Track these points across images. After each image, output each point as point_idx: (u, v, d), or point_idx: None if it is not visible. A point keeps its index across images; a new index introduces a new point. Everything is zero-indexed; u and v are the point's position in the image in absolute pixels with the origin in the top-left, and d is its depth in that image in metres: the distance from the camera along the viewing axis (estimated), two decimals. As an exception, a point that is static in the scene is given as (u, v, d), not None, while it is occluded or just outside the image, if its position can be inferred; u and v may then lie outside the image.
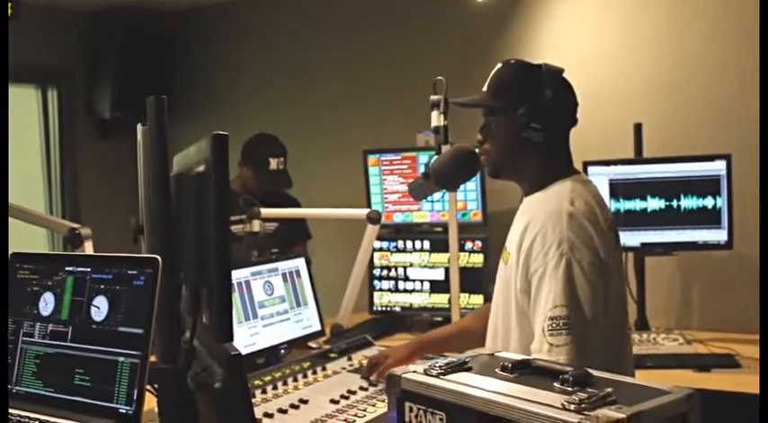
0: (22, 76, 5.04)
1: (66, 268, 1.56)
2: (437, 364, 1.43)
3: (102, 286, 1.52)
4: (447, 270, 3.50)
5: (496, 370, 1.40)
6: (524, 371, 1.39)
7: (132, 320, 1.45)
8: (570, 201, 1.91)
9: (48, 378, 1.55)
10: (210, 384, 1.44)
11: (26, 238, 2.97)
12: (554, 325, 1.78)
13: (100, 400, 1.45)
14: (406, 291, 3.71)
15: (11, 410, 1.50)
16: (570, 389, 1.27)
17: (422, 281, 3.68)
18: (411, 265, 3.70)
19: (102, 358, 1.46)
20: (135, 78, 4.91)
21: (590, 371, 1.33)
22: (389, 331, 3.53)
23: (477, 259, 3.54)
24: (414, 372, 1.43)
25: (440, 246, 3.55)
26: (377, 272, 3.73)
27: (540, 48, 3.82)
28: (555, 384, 1.30)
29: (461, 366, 1.43)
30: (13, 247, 1.77)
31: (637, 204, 3.17)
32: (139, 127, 1.45)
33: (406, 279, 3.71)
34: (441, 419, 1.34)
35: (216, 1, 5.01)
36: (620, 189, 3.18)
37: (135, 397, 1.41)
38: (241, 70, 5.04)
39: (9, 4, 4.54)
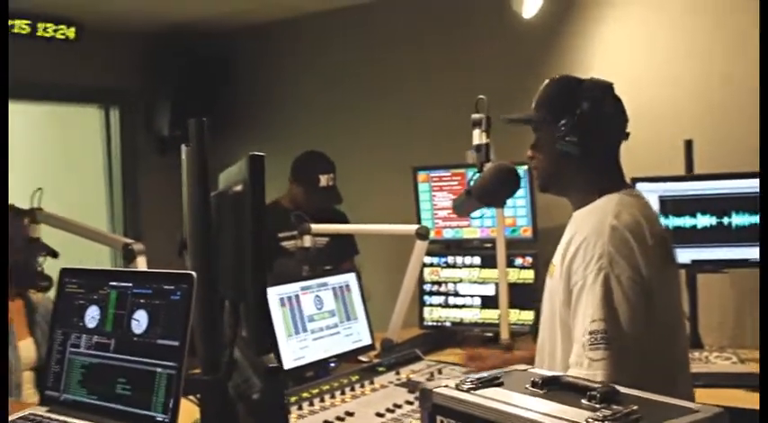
0: (86, 97, 5.25)
1: (110, 283, 1.64)
2: (469, 379, 1.46)
3: (142, 300, 1.59)
4: (497, 285, 3.51)
5: (526, 386, 1.42)
6: (554, 387, 1.40)
7: (169, 333, 1.52)
8: (615, 214, 1.91)
9: (92, 387, 1.63)
10: (249, 395, 1.49)
11: (91, 254, 3.11)
12: (592, 339, 1.78)
13: (139, 408, 1.52)
14: (456, 306, 3.72)
15: (58, 417, 1.58)
16: (597, 405, 1.28)
17: (472, 296, 3.69)
18: (461, 280, 3.72)
19: (141, 369, 1.54)
20: (192, 97, 5.06)
21: (618, 388, 1.34)
22: (440, 346, 3.54)
23: (528, 275, 3.54)
24: (446, 386, 1.46)
25: (490, 261, 3.56)
26: (427, 287, 3.76)
27: (589, 64, 3.82)
28: (582, 401, 1.31)
29: (492, 382, 1.45)
30: (80, 262, 1.85)
31: (687, 221, 3.14)
32: (183, 147, 1.51)
33: (457, 294, 3.73)
34: (470, 433, 1.37)
35: (268, 22, 5.13)
36: (669, 206, 3.15)
37: (171, 406, 1.47)
38: (293, 88, 5.15)
39: (72, 29, 4.74)
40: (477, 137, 2.51)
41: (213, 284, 1.49)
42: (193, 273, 1.50)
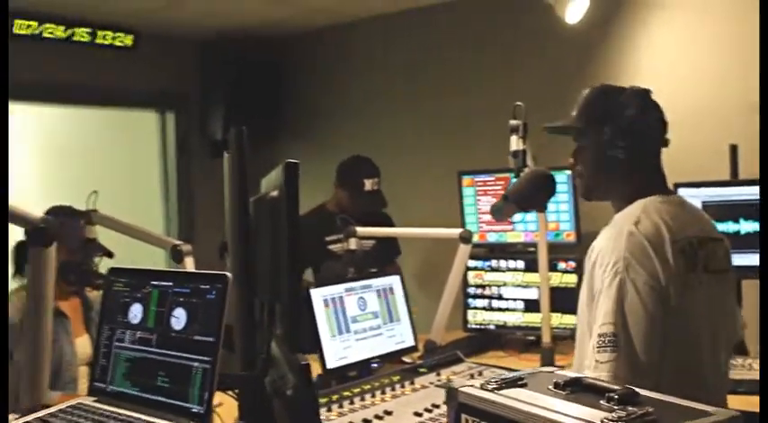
0: (142, 102, 5.41)
1: (153, 282, 1.75)
2: (494, 379, 1.51)
3: (181, 299, 1.69)
4: (540, 289, 3.53)
5: (549, 387, 1.47)
6: (575, 388, 1.45)
7: (205, 330, 1.62)
8: (635, 220, 1.94)
9: (135, 379, 1.74)
10: (284, 391, 1.56)
11: (148, 256, 3.24)
12: (600, 342, 1.82)
13: (177, 399, 1.62)
14: (500, 309, 3.75)
15: (104, 407, 1.69)
16: (615, 407, 1.32)
17: (515, 300, 3.72)
18: (505, 284, 3.74)
19: (179, 363, 1.64)
20: (244, 101, 5.18)
21: (637, 390, 1.38)
22: (483, 349, 3.59)
23: (571, 279, 3.55)
24: (471, 386, 1.52)
25: (533, 265, 3.57)
26: (471, 290, 3.80)
27: (634, 69, 3.83)
28: (601, 402, 1.35)
29: (516, 382, 1.50)
30: (136, 263, 1.96)
31: (729, 226, 3.13)
32: (225, 154, 1.59)
33: (500, 298, 3.75)
34: (492, 432, 1.42)
35: (318, 28, 5.23)
36: (712, 211, 3.11)
37: (206, 398, 1.57)
38: (342, 93, 5.25)
39: (130, 36, 4.90)
40: (515, 143, 2.56)
41: (251, 286, 1.57)
42: (228, 274, 1.58)
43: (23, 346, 1.95)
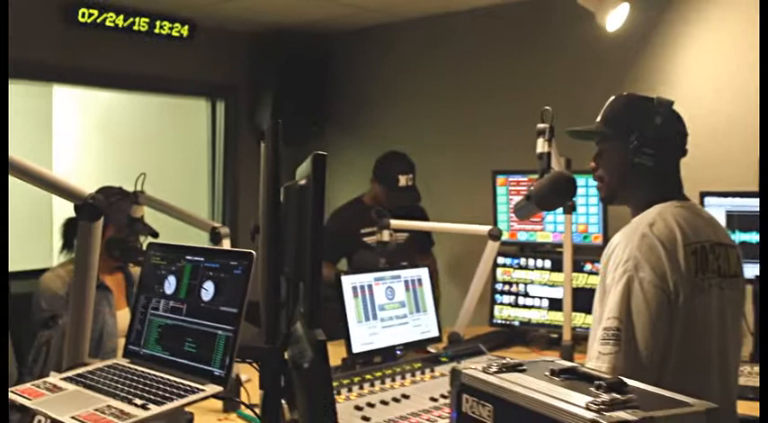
0: (195, 90, 5.59)
1: (186, 257, 1.91)
2: (495, 364, 1.63)
3: (211, 273, 1.85)
4: (567, 289, 3.62)
5: (545, 373, 1.58)
6: (570, 376, 1.55)
7: (230, 302, 1.78)
8: (650, 222, 2.03)
9: (166, 343, 1.91)
10: (302, 365, 1.69)
11: (191, 235, 3.39)
12: (605, 335, 1.93)
13: (201, 363, 1.78)
14: (525, 306, 3.85)
15: (137, 367, 1.86)
16: (602, 393, 1.43)
17: (541, 298, 3.81)
18: (532, 282, 3.83)
19: (206, 331, 1.80)
20: (292, 93, 5.33)
21: (625, 380, 1.48)
22: (507, 344, 3.68)
23: (596, 281, 3.58)
24: (474, 369, 1.63)
25: (560, 265, 3.66)
26: (499, 286, 3.90)
27: (673, 77, 3.88)
28: (590, 388, 1.46)
29: (515, 367, 1.61)
30: (181, 241, 2.12)
31: (753, 237, 3.19)
32: (261, 144, 1.73)
33: (526, 295, 3.85)
34: (489, 410, 1.53)
35: (364, 26, 5.36)
36: (736, 220, 3.21)
37: (227, 363, 1.72)
38: (385, 89, 5.36)
39: (186, 27, 5.07)
40: (541, 145, 2.66)
41: (278, 265, 1.70)
42: (253, 252, 1.73)
43: (69, 312, 2.11)
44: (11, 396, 1.76)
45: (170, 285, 1.91)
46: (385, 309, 3.11)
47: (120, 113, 6.20)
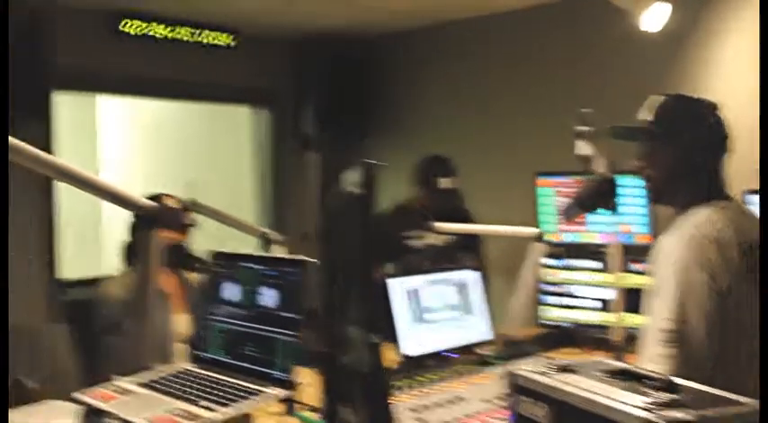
0: (239, 98, 5.67)
1: (246, 265, 1.99)
2: (548, 365, 1.66)
3: (270, 280, 1.92)
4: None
5: (598, 373, 1.60)
6: (621, 376, 1.58)
7: (289, 307, 1.84)
8: (696, 224, 2.04)
9: (227, 348, 1.98)
10: (359, 369, 1.73)
11: (241, 240, 3.46)
12: (661, 336, 1.94)
13: (263, 367, 1.85)
14: (573, 307, 3.84)
15: (199, 371, 1.93)
16: (652, 392, 1.45)
17: (590, 299, 3.80)
18: (579, 282, 3.83)
19: (267, 336, 1.87)
20: (335, 100, 5.36)
21: (676, 380, 1.50)
22: (558, 345, 3.68)
23: (643, 281, 3.61)
24: (529, 370, 1.66)
25: (606, 266, 3.65)
26: (545, 287, 3.89)
27: (709, 81, 3.86)
28: (644, 389, 1.48)
29: (568, 369, 1.64)
30: (232, 247, 2.19)
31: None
32: (306, 152, 1.78)
33: (574, 296, 3.84)
34: (543, 410, 1.57)
35: (407, 30, 5.40)
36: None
37: (288, 367, 1.78)
38: (428, 93, 5.40)
39: (230, 35, 5.15)
40: (581, 148, 2.68)
41: (332, 272, 1.75)
42: (307, 258, 1.80)
43: (131, 318, 2.19)
44: (84, 399, 1.84)
45: (231, 292, 1.98)
46: (435, 311, 3.11)
47: (165, 122, 6.30)
